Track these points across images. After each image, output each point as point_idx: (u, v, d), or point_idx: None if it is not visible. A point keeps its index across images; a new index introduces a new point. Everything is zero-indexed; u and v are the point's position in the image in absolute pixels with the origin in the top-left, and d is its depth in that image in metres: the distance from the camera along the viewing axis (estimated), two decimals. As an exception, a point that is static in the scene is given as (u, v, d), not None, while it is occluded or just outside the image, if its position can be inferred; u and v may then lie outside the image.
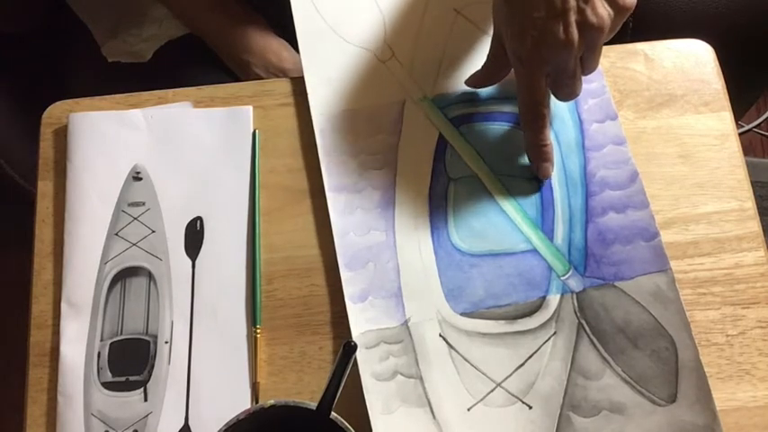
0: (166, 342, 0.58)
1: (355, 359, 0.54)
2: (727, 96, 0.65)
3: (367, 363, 0.56)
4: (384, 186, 0.62)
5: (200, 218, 0.61)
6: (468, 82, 0.63)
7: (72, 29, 0.83)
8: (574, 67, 0.56)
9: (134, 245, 0.60)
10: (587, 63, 0.57)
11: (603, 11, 0.53)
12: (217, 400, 0.56)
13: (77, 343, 0.58)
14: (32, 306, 0.59)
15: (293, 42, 0.69)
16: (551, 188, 0.61)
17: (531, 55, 0.55)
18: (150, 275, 0.60)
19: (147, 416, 0.56)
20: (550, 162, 0.61)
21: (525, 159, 0.62)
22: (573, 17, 0.52)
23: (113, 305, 0.59)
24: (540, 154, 0.60)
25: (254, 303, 0.59)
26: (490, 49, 0.61)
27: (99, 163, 0.63)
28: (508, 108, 0.63)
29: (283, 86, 0.66)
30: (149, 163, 0.63)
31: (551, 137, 0.61)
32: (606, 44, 0.65)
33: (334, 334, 0.58)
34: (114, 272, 0.60)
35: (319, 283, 0.59)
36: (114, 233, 0.61)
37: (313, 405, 0.45)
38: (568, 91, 0.59)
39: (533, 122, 0.59)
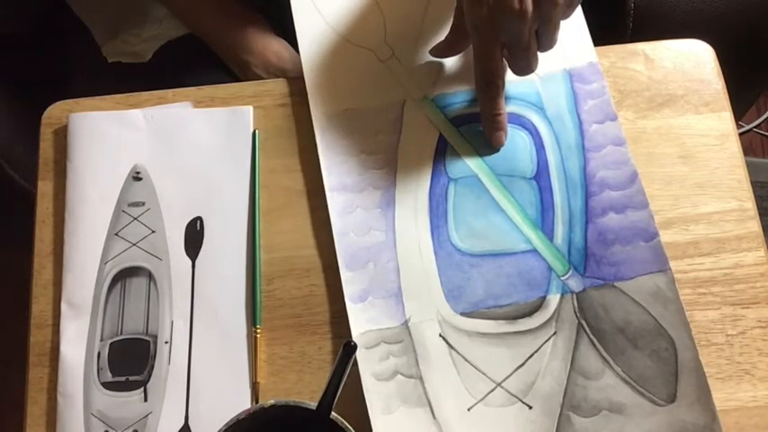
0: (166, 342, 0.58)
1: (355, 359, 0.54)
2: (727, 96, 0.65)
3: (367, 363, 0.56)
4: (384, 186, 0.62)
5: (200, 218, 0.61)
6: (431, 51, 0.64)
7: (72, 29, 0.83)
8: (528, 40, 0.57)
9: (134, 245, 0.60)
10: (543, 38, 0.58)
11: None
12: (217, 400, 0.56)
13: (77, 343, 0.58)
14: (32, 306, 0.59)
15: (293, 42, 0.69)
16: (551, 189, 0.61)
17: (486, 23, 0.56)
18: (150, 275, 0.60)
19: (147, 416, 0.56)
20: (503, 131, 0.62)
21: (525, 160, 0.62)
22: None
23: (113, 305, 0.59)
24: (493, 123, 0.61)
25: (253, 303, 0.59)
26: (453, 20, 0.62)
27: (99, 163, 0.63)
28: (508, 108, 0.63)
29: (283, 86, 0.66)
30: (149, 163, 0.63)
31: (504, 106, 0.61)
32: (606, 44, 0.66)
33: (334, 334, 0.58)
34: (114, 272, 0.60)
35: (319, 283, 0.59)
36: (114, 233, 0.61)
37: (313, 405, 0.45)
38: (523, 64, 0.59)
39: (487, 91, 0.60)
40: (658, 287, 0.58)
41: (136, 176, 0.62)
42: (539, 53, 0.59)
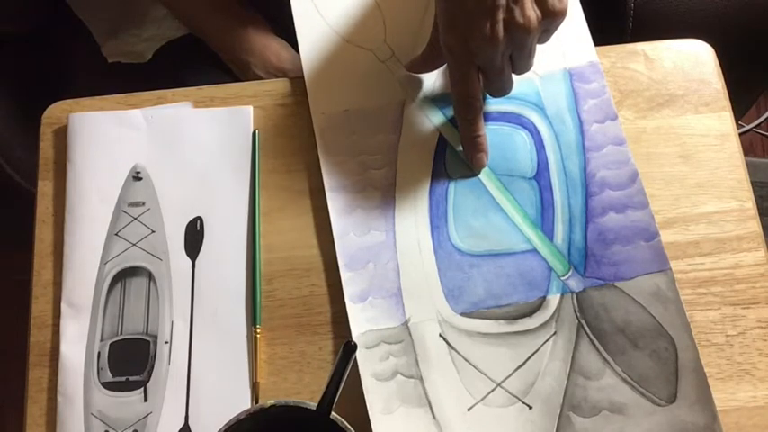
0: (166, 342, 0.58)
1: (355, 359, 0.54)
2: (728, 96, 0.65)
3: (367, 363, 0.56)
4: (384, 186, 0.62)
5: (200, 218, 0.61)
6: (407, 66, 0.64)
7: (72, 29, 0.83)
8: (501, 65, 0.56)
9: (134, 245, 0.60)
10: (518, 63, 0.58)
11: (532, 13, 0.53)
12: (217, 400, 0.56)
13: (77, 343, 0.58)
14: (32, 306, 0.59)
15: (293, 42, 0.69)
16: (551, 188, 0.61)
17: (459, 48, 0.56)
18: (150, 275, 0.60)
19: (147, 416, 0.56)
20: (484, 153, 0.61)
21: (525, 159, 0.62)
22: (501, 15, 0.53)
23: (113, 305, 0.59)
24: (473, 145, 0.61)
25: (253, 303, 0.59)
26: (430, 38, 0.62)
27: (99, 163, 0.63)
28: (508, 108, 0.63)
29: (283, 86, 0.66)
30: (149, 163, 0.63)
31: (483, 127, 0.61)
32: (606, 44, 0.66)
33: (335, 334, 0.58)
34: (114, 272, 0.60)
35: (319, 283, 0.59)
36: (114, 233, 0.61)
37: (313, 405, 0.45)
38: (496, 87, 0.59)
39: (465, 114, 0.60)
40: (658, 287, 0.58)
41: (136, 176, 0.62)
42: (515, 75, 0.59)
